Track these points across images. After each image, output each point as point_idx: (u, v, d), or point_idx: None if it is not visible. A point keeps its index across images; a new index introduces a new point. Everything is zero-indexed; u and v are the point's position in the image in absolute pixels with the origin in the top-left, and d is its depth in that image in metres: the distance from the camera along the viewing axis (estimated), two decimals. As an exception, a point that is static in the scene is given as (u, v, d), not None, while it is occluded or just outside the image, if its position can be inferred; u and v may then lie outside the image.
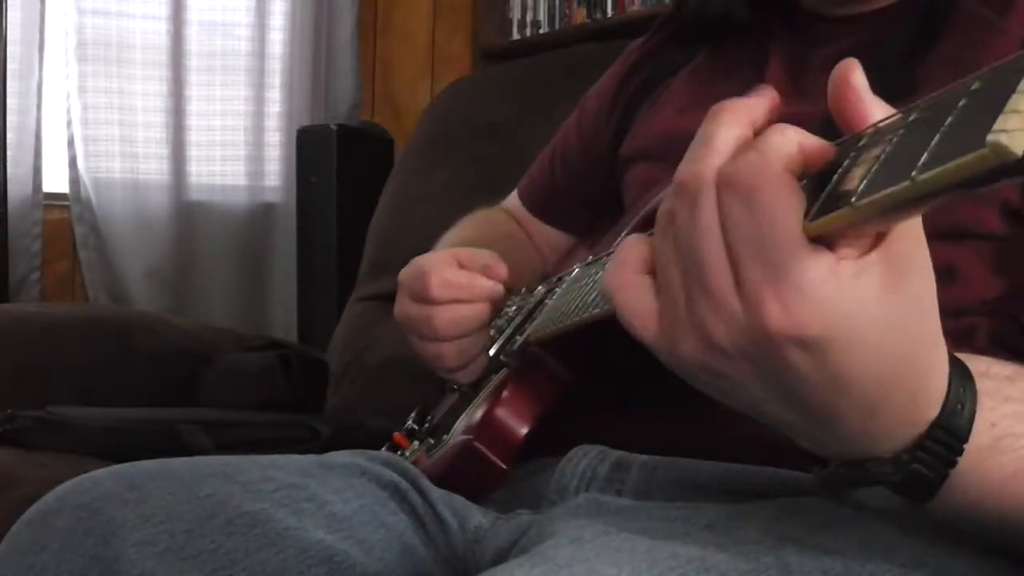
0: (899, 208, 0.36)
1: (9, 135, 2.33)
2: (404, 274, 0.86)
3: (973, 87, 0.35)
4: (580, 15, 2.86)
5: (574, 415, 0.76)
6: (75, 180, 2.54)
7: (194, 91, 2.65)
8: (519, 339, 0.79)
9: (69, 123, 2.53)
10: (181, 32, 2.62)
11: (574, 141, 1.04)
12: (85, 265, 2.57)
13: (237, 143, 2.70)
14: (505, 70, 2.16)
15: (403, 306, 0.85)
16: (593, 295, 0.67)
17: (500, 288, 0.84)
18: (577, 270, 0.79)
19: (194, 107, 2.65)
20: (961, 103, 0.35)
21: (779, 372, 0.42)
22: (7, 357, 1.45)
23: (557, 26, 2.91)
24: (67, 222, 2.56)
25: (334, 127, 2.45)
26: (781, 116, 0.78)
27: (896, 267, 0.40)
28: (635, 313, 0.46)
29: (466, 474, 0.73)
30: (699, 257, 0.42)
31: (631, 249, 0.47)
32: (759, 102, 0.46)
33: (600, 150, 0.98)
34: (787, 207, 0.39)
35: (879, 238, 0.40)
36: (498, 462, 0.73)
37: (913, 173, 0.34)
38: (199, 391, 1.56)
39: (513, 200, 1.12)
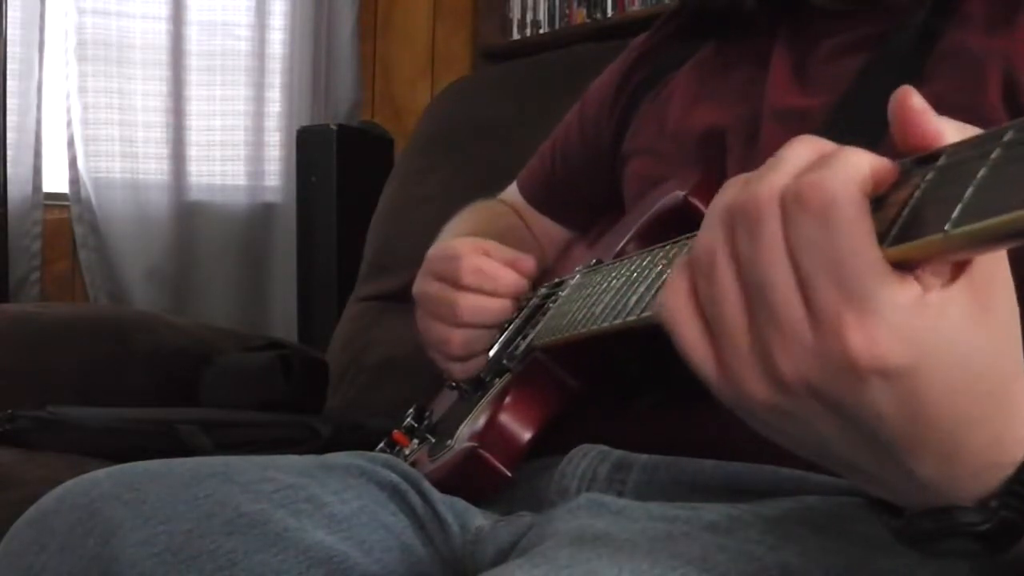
0: (996, 241, 0.34)
1: (9, 135, 2.33)
2: (433, 253, 0.87)
3: None
4: (580, 15, 2.86)
5: (576, 415, 0.76)
6: (75, 180, 2.54)
7: (194, 91, 2.65)
8: (522, 343, 0.79)
9: (69, 123, 2.53)
10: (181, 32, 2.62)
11: (575, 135, 1.04)
12: (85, 265, 2.57)
13: (237, 143, 2.70)
14: (505, 70, 2.16)
15: (425, 284, 0.86)
16: (600, 307, 0.66)
17: (526, 284, 0.85)
18: (579, 276, 0.79)
19: (194, 107, 2.65)
20: None
21: (856, 408, 0.38)
22: (7, 357, 1.45)
23: (557, 26, 2.91)
24: (67, 222, 2.56)
25: (334, 127, 2.45)
26: (785, 109, 0.79)
27: (981, 298, 0.38)
28: (696, 357, 0.42)
29: (471, 480, 0.73)
30: (764, 283, 0.39)
31: (676, 292, 0.43)
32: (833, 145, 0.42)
33: (601, 144, 0.98)
34: (864, 228, 0.37)
35: (960, 267, 0.38)
36: (503, 469, 0.73)
37: (1019, 208, 0.32)
38: (199, 391, 1.56)
39: (513, 191, 1.12)
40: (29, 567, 0.63)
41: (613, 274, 0.70)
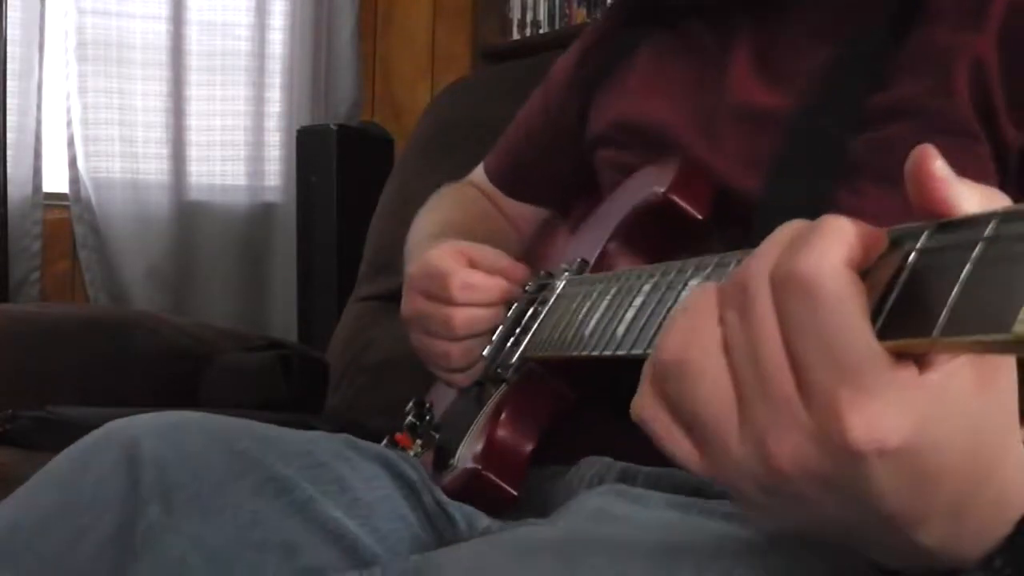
0: (985, 351, 0.32)
1: (9, 135, 2.33)
2: (416, 271, 0.86)
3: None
4: (580, 15, 2.86)
5: (584, 425, 0.76)
6: (75, 180, 2.54)
7: (194, 91, 2.65)
8: (515, 351, 0.78)
9: (69, 123, 2.53)
10: (181, 32, 2.62)
11: (539, 118, 1.02)
12: (85, 265, 2.56)
13: (237, 143, 2.70)
14: (505, 70, 2.15)
15: (414, 303, 0.85)
16: (588, 329, 0.66)
17: (517, 291, 0.84)
18: (564, 283, 0.78)
19: (194, 107, 2.65)
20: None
21: (856, 488, 0.37)
22: (7, 357, 1.45)
23: (557, 26, 2.91)
24: (67, 222, 2.56)
25: (334, 127, 2.45)
26: (750, 108, 0.76)
27: (986, 366, 0.36)
28: (679, 455, 0.40)
29: (477, 499, 0.74)
30: (757, 365, 0.37)
31: (646, 401, 0.41)
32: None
33: (568, 124, 0.96)
34: (854, 306, 0.35)
35: None
36: (508, 488, 0.73)
37: (1017, 327, 0.30)
38: (199, 391, 1.56)
39: (480, 176, 1.10)
40: (69, 486, 0.65)
41: (597, 289, 0.69)
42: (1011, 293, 0.30)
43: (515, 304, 0.83)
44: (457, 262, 0.83)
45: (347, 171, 2.39)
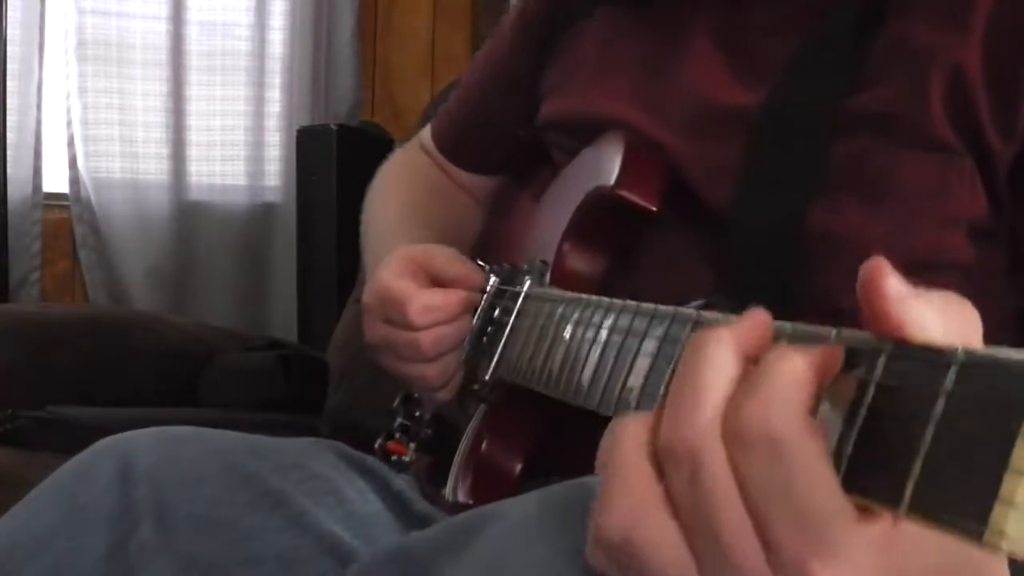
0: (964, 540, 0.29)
1: (9, 135, 2.33)
2: (371, 298, 0.80)
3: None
4: (580, 15, 2.85)
5: (584, 436, 0.75)
6: (75, 180, 2.54)
7: (194, 91, 2.65)
8: (488, 367, 0.75)
9: (69, 123, 2.53)
10: (181, 32, 2.61)
11: (487, 70, 0.98)
12: (85, 265, 2.56)
13: (237, 143, 2.70)
14: (505, 70, 2.15)
15: (378, 330, 0.79)
16: (556, 364, 0.63)
17: (477, 296, 0.79)
18: (526, 294, 0.75)
19: (194, 107, 2.65)
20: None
21: None
22: (7, 357, 1.45)
23: (557, 26, 2.91)
24: (67, 222, 2.56)
25: (334, 127, 2.44)
26: (714, 107, 0.71)
27: None
28: None
29: None
30: (716, 529, 0.34)
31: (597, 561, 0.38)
32: (750, 327, 0.36)
33: (517, 84, 0.91)
34: (819, 461, 0.32)
35: None
36: None
37: (989, 536, 0.27)
38: (199, 391, 1.56)
39: (429, 142, 1.06)
40: (65, 504, 0.65)
41: (558, 312, 0.66)
42: (978, 481, 0.28)
43: (479, 308, 0.79)
44: (412, 280, 0.78)
45: (347, 171, 2.39)
